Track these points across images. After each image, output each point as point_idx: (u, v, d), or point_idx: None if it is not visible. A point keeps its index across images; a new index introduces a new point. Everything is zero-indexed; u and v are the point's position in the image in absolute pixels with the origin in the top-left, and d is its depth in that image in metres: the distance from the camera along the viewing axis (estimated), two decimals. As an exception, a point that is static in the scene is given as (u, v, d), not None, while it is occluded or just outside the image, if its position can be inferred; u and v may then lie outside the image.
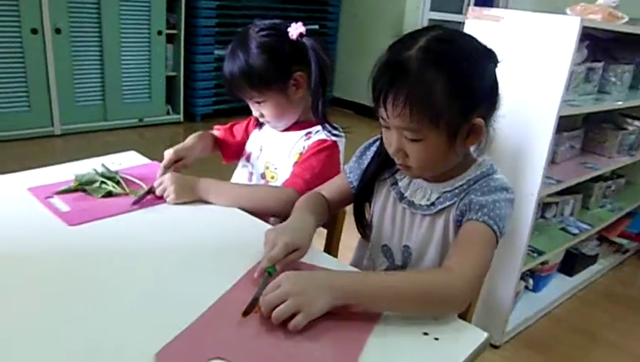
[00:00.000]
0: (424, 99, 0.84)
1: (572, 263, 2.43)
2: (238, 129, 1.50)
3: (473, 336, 0.81)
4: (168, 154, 1.31)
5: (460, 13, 5.61)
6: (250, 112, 1.37)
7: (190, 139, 1.40)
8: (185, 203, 1.18)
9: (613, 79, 2.17)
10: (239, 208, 1.18)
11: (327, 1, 5.23)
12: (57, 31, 3.63)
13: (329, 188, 1.15)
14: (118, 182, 1.26)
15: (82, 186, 1.21)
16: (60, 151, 3.71)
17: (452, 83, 0.84)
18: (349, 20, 5.38)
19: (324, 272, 0.87)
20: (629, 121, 2.38)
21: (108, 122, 4.07)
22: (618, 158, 2.31)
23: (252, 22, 1.28)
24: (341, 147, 1.30)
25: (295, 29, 1.25)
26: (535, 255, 1.99)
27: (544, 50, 1.61)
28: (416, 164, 0.93)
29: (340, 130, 1.31)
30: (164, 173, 1.25)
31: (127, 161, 1.44)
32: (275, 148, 1.37)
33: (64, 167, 1.36)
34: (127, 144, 3.89)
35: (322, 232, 1.23)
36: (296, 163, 1.30)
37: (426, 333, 0.79)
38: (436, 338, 0.78)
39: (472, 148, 0.98)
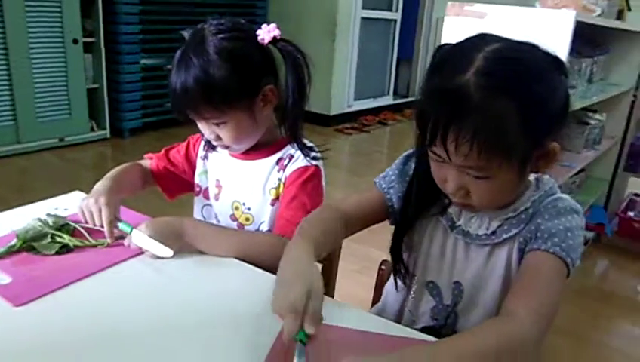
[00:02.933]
0: (494, 134, 0.69)
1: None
2: (176, 156, 1.21)
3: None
4: (106, 210, 0.97)
5: (391, 10, 5.62)
6: (188, 125, 1.08)
7: (105, 182, 1.06)
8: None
9: (577, 73, 2.14)
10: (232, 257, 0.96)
11: (254, 4, 4.98)
12: (-48, 43, 3.14)
13: (356, 202, 0.94)
14: (72, 233, 0.99)
15: (28, 244, 0.93)
16: (-34, 182, 3.22)
17: (524, 111, 0.69)
18: (278, 20, 5.17)
19: (397, 358, 0.66)
20: (590, 114, 2.38)
21: (22, 145, 3.58)
22: (585, 153, 2.30)
23: (205, 20, 1.02)
24: (323, 172, 1.09)
25: (267, 32, 1.01)
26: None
27: (534, 47, 1.50)
28: (480, 202, 0.78)
29: (316, 149, 1.10)
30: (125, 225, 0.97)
31: (73, 205, 1.12)
32: (240, 183, 1.12)
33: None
34: (47, 168, 3.46)
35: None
36: (274, 200, 1.08)
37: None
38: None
39: None
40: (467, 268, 0.87)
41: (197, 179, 1.19)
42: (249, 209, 1.11)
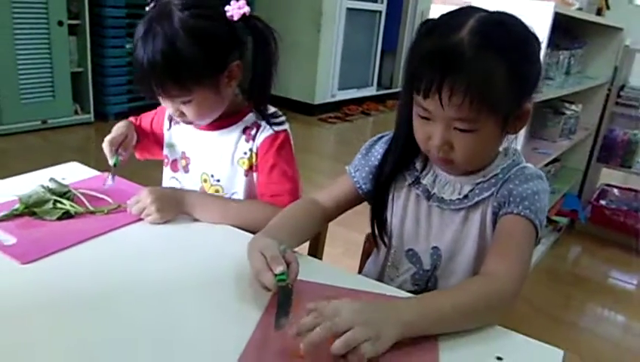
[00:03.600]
0: (486, 86, 0.77)
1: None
2: (146, 121, 1.27)
3: (550, 356, 0.72)
4: (118, 129, 1.15)
5: (376, 1, 5.66)
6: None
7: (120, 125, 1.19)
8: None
9: (555, 65, 2.22)
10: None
11: (241, -9, 4.98)
12: None
13: (331, 193, 1.03)
14: (73, 200, 1.03)
15: (30, 209, 0.96)
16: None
17: (511, 68, 0.78)
18: (266, 8, 5.18)
19: (388, 304, 0.74)
20: (567, 105, 2.47)
21: (3, 126, 3.55)
22: (560, 142, 2.39)
23: None
24: (290, 133, 1.12)
25: (237, 9, 0.99)
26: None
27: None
28: (463, 156, 0.84)
29: (279, 113, 1.12)
30: (115, 157, 1.13)
31: (70, 175, 1.18)
32: (207, 154, 1.14)
33: (-3, 186, 1.09)
34: (29, 150, 3.44)
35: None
36: (248, 171, 1.10)
37: (499, 358, 0.70)
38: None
39: None
40: (444, 233, 0.94)
41: (165, 150, 1.22)
42: (218, 181, 1.13)
